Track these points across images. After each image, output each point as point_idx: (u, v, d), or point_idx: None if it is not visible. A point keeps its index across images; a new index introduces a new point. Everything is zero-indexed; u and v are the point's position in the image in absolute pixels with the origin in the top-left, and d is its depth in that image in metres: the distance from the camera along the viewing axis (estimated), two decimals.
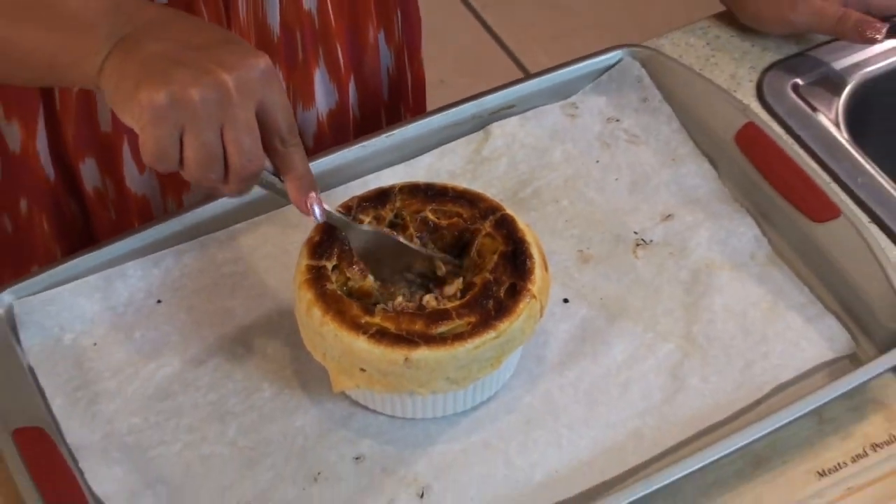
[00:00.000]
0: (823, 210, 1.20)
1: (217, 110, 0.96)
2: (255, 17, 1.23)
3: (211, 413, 1.12)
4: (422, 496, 1.07)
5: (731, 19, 1.44)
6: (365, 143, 1.27)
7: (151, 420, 1.11)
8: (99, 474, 1.07)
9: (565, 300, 1.18)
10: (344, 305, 1.07)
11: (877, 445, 1.11)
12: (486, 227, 1.12)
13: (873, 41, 1.37)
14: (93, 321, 1.17)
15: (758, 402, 1.11)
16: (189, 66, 0.96)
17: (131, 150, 1.27)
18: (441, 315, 1.07)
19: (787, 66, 1.41)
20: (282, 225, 1.22)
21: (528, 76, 1.32)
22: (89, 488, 1.06)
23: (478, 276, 1.10)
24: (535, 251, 1.11)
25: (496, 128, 1.30)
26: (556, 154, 1.29)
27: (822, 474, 1.09)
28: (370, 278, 1.09)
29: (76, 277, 1.18)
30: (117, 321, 1.17)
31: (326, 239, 1.11)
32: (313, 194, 1.05)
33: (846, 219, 1.19)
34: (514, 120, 1.30)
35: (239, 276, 1.20)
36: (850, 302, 1.17)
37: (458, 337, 1.06)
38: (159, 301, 1.19)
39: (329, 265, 1.10)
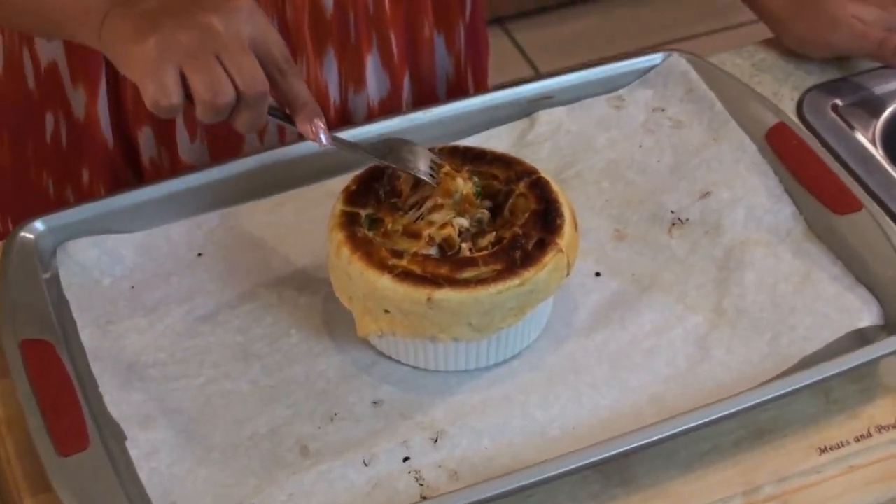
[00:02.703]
0: (846, 203, 1.09)
1: (209, 43, 0.92)
2: None
3: (236, 353, 1.02)
4: (436, 440, 0.95)
5: (777, 45, 1.33)
6: (411, 116, 1.17)
7: (178, 356, 1.01)
8: (117, 398, 0.97)
9: (597, 273, 1.07)
10: (373, 248, 0.98)
11: (882, 428, 0.99)
12: (521, 187, 1.02)
13: None
14: (132, 269, 1.08)
15: (784, 374, 0.98)
16: (176, 14, 0.92)
17: (184, 116, 1.19)
18: (467, 262, 0.97)
19: (828, 87, 1.30)
20: (327, 194, 1.11)
21: (571, 68, 1.22)
22: (103, 412, 0.96)
23: (508, 231, 0.99)
24: (566, 210, 1.00)
25: (543, 115, 1.19)
26: (601, 140, 1.18)
27: (823, 450, 0.98)
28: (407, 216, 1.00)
29: (106, 214, 1.10)
30: (156, 269, 1.08)
31: (363, 189, 1.02)
32: (318, 121, 0.97)
33: (868, 212, 1.08)
34: (560, 109, 1.20)
35: (280, 237, 1.11)
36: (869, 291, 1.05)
37: (482, 281, 0.95)
38: (200, 254, 1.09)
39: (363, 213, 1.00)
